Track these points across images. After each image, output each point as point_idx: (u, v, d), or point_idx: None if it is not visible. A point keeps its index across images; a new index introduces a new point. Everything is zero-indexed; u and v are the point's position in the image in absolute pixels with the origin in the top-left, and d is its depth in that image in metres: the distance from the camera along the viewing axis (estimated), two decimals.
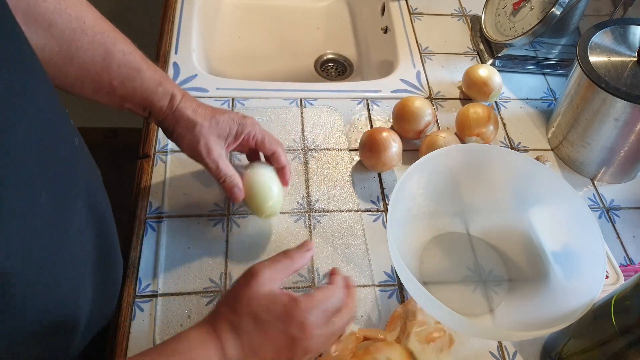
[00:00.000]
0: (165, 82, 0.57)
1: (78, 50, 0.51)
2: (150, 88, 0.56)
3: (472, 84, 0.81)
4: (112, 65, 0.53)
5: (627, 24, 0.74)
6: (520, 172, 0.61)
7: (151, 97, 0.56)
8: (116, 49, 0.53)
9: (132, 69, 0.55)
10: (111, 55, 0.53)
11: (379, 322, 0.59)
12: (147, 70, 0.56)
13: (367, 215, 0.68)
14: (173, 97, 0.57)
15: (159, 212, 0.66)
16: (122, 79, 0.54)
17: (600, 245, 0.53)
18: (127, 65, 0.54)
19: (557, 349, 0.55)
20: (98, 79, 0.54)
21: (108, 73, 0.53)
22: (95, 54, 0.52)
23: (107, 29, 0.53)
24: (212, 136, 0.58)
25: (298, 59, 1.08)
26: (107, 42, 0.53)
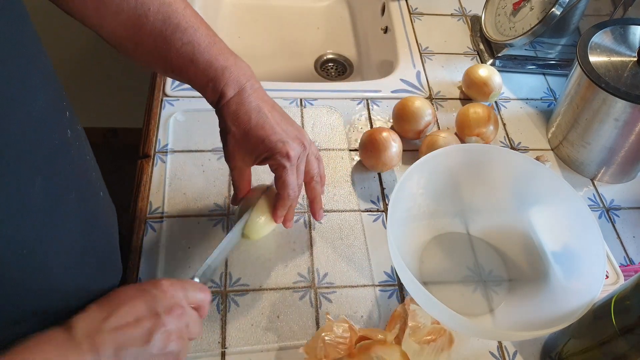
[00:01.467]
0: (219, 77, 0.54)
1: (142, 37, 0.52)
2: (201, 83, 0.55)
3: (472, 84, 0.81)
4: (171, 54, 0.53)
5: (627, 24, 0.74)
6: (520, 172, 0.61)
7: (203, 93, 0.56)
8: (175, 37, 0.52)
9: (187, 61, 0.53)
10: (170, 44, 0.52)
11: (379, 322, 0.59)
12: (202, 62, 0.54)
13: (367, 215, 0.68)
14: (222, 96, 0.55)
15: (159, 212, 0.66)
16: (179, 70, 0.54)
17: (600, 245, 0.53)
18: (184, 55, 0.53)
19: (557, 349, 0.56)
20: (163, 64, 0.54)
21: (169, 61, 0.54)
22: (157, 41, 0.52)
23: (170, 14, 0.52)
24: (239, 149, 0.56)
25: (298, 59, 1.08)
26: (167, 30, 0.52)
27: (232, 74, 0.54)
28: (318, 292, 0.61)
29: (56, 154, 0.41)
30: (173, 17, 0.52)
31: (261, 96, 0.56)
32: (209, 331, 0.57)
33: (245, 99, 0.55)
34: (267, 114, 0.55)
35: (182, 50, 0.53)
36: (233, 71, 0.55)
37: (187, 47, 0.53)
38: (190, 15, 0.53)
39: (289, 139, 0.55)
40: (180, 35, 0.52)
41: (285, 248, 0.64)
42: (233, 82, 0.54)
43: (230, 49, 0.57)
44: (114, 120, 1.69)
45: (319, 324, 0.58)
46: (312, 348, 0.52)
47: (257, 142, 0.54)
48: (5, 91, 0.34)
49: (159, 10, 0.51)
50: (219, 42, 0.55)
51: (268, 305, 0.59)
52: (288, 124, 0.57)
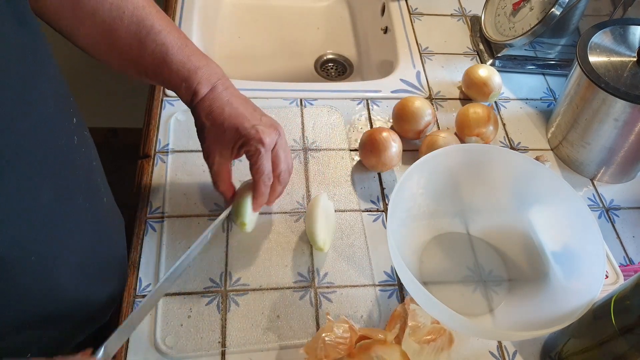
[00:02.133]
0: (192, 76, 0.56)
1: (116, 39, 0.53)
2: (175, 83, 0.57)
3: (472, 84, 0.81)
4: (145, 55, 0.54)
5: (627, 24, 0.74)
6: (520, 172, 0.61)
7: (177, 92, 0.58)
8: (149, 39, 0.54)
9: (161, 62, 0.55)
10: (144, 45, 0.54)
11: (379, 322, 0.59)
12: (175, 63, 0.55)
13: (367, 215, 0.68)
14: (195, 94, 0.57)
15: (160, 212, 0.66)
16: (153, 70, 0.56)
17: (600, 245, 0.53)
18: (157, 56, 0.55)
19: (557, 349, 0.56)
20: (136, 65, 0.55)
21: (143, 62, 0.55)
22: (131, 43, 0.54)
23: (144, 17, 0.54)
24: (216, 143, 0.58)
25: (298, 59, 1.08)
26: (141, 32, 0.54)
27: (205, 74, 0.56)
28: (318, 292, 0.61)
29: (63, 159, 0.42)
30: (147, 19, 0.54)
31: (232, 92, 0.59)
32: (209, 330, 0.57)
33: (218, 94, 0.57)
34: (239, 106, 0.57)
35: (156, 51, 0.54)
36: (205, 71, 0.57)
37: (161, 48, 0.54)
38: (162, 19, 0.55)
39: (262, 125, 0.57)
40: (154, 37, 0.54)
41: (285, 248, 0.64)
42: (205, 80, 0.56)
43: (202, 51, 0.59)
44: (114, 120, 1.69)
45: (319, 323, 0.58)
46: (312, 348, 0.52)
47: (232, 132, 0.56)
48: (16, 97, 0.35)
49: (133, 13, 0.53)
50: (190, 44, 0.57)
51: (268, 305, 0.59)
52: (261, 114, 0.59)
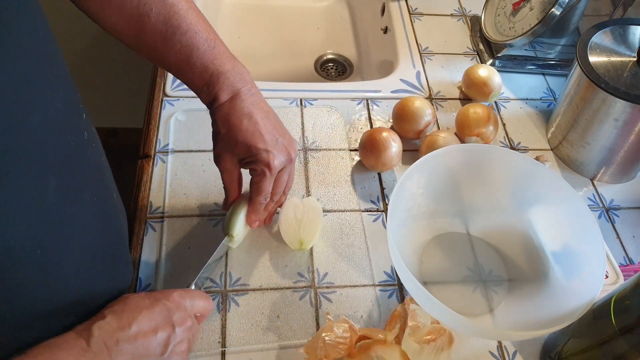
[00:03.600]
0: (214, 82, 0.55)
1: (143, 35, 0.53)
2: (197, 85, 0.56)
3: (472, 84, 0.81)
4: (170, 54, 0.54)
5: (627, 24, 0.74)
6: (520, 172, 0.61)
7: (198, 94, 0.57)
8: (175, 39, 0.53)
9: (184, 63, 0.55)
10: (169, 45, 0.53)
11: (379, 322, 0.59)
12: (198, 66, 0.55)
13: (367, 215, 0.68)
14: (216, 99, 0.56)
15: (160, 212, 0.66)
16: (177, 69, 0.55)
17: (600, 245, 0.53)
18: (181, 58, 0.54)
19: (556, 349, 0.56)
20: (162, 61, 0.55)
21: (167, 61, 0.55)
22: (157, 41, 0.53)
23: (172, 16, 0.53)
24: (227, 151, 0.57)
25: (298, 59, 1.08)
26: (167, 31, 0.53)
27: (228, 79, 0.55)
28: (318, 292, 0.61)
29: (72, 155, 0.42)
30: (174, 18, 0.53)
31: (256, 102, 0.57)
32: (209, 331, 0.57)
33: (239, 104, 0.55)
34: (259, 120, 0.56)
35: (181, 52, 0.54)
36: (229, 76, 0.55)
37: (185, 50, 0.54)
38: (192, 17, 0.54)
39: (275, 149, 0.56)
40: (180, 38, 0.53)
41: (285, 248, 0.64)
42: (228, 87, 0.55)
43: (230, 53, 0.58)
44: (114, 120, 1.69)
45: (319, 323, 0.58)
46: (312, 348, 0.52)
47: (244, 147, 0.55)
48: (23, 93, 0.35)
49: (161, 11, 0.52)
50: (219, 45, 0.56)
51: (268, 305, 0.59)
52: (279, 134, 0.57)
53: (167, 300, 0.47)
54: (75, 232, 0.43)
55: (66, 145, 0.41)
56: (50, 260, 0.40)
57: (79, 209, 0.43)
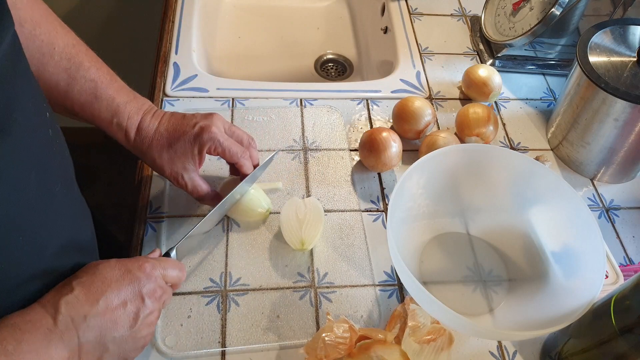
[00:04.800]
0: (122, 110, 0.57)
1: (45, 74, 0.54)
2: (105, 119, 0.58)
3: (471, 84, 0.81)
4: (74, 91, 0.55)
5: (627, 24, 0.74)
6: (520, 172, 0.61)
7: (108, 129, 0.59)
8: (79, 75, 0.55)
9: (91, 96, 0.56)
10: (74, 81, 0.55)
11: (379, 322, 0.59)
12: (104, 98, 0.56)
13: (367, 215, 0.68)
14: (127, 131, 0.58)
15: (160, 212, 0.66)
16: (82, 106, 0.56)
17: (600, 245, 0.53)
18: (87, 91, 0.56)
19: (556, 349, 0.56)
20: (65, 102, 0.56)
21: (71, 98, 0.56)
22: (60, 79, 0.54)
23: (75, 54, 0.55)
24: (176, 164, 0.59)
25: (298, 59, 1.08)
26: (71, 68, 0.54)
27: (133, 107, 0.58)
28: (318, 292, 0.61)
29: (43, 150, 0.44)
30: (77, 57, 0.55)
31: (161, 113, 0.60)
32: (209, 330, 0.57)
33: (149, 122, 0.59)
34: (170, 118, 0.59)
35: (86, 87, 0.56)
36: (134, 105, 0.58)
37: (91, 84, 0.56)
38: (92, 56, 0.57)
39: (201, 120, 0.58)
40: (84, 73, 0.55)
41: (285, 248, 0.64)
42: (135, 113, 0.58)
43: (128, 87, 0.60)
44: None
45: (319, 323, 0.58)
46: (312, 348, 0.52)
47: (181, 142, 0.58)
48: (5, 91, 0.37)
49: (64, 50, 0.54)
50: (118, 80, 0.59)
51: (268, 305, 0.59)
52: (192, 114, 0.60)
53: (138, 271, 0.47)
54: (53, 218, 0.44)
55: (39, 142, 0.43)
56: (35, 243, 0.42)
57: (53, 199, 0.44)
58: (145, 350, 0.55)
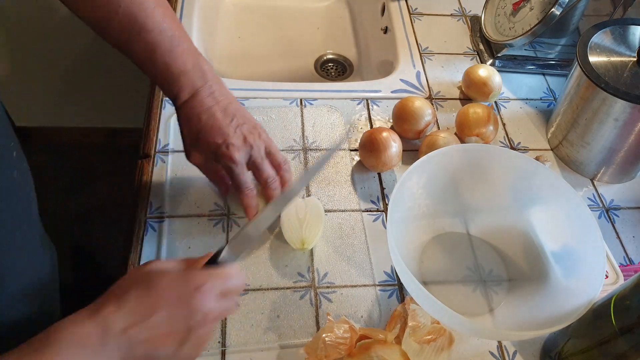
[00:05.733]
0: (174, 81, 0.57)
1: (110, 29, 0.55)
2: (159, 83, 0.58)
3: (471, 84, 0.81)
4: (134, 52, 0.56)
5: (627, 24, 0.74)
6: (520, 172, 0.61)
7: (161, 89, 0.59)
8: (139, 38, 0.55)
9: (147, 61, 0.56)
10: (134, 42, 0.55)
11: (379, 322, 0.59)
12: (160, 64, 0.56)
13: (367, 215, 0.68)
14: (177, 98, 0.58)
15: (160, 212, 0.66)
16: (141, 64, 0.57)
17: (600, 245, 0.53)
18: (144, 56, 0.56)
19: (556, 349, 0.56)
20: (128, 54, 0.57)
21: (132, 56, 0.56)
22: (122, 37, 0.55)
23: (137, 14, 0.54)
24: (193, 148, 0.60)
25: (298, 59, 1.08)
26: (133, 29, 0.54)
27: (189, 79, 0.57)
28: (318, 292, 0.61)
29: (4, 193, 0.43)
30: (141, 16, 0.54)
31: (216, 97, 0.58)
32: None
33: (198, 102, 0.57)
34: (217, 114, 0.57)
35: (144, 50, 0.55)
36: (190, 76, 0.57)
37: (149, 48, 0.55)
38: (159, 15, 0.55)
39: (235, 139, 0.57)
40: (144, 36, 0.55)
41: (285, 248, 0.64)
42: (188, 86, 0.57)
43: (195, 49, 0.59)
44: (114, 120, 1.69)
45: (319, 323, 0.58)
46: (312, 348, 0.52)
47: (205, 144, 0.58)
48: None
49: (129, 8, 0.54)
50: (183, 43, 0.57)
51: (268, 305, 0.59)
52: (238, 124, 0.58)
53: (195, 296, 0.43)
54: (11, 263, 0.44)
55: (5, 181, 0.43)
56: None
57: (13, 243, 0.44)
58: None
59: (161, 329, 0.41)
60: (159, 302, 0.42)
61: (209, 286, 0.44)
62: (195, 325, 0.43)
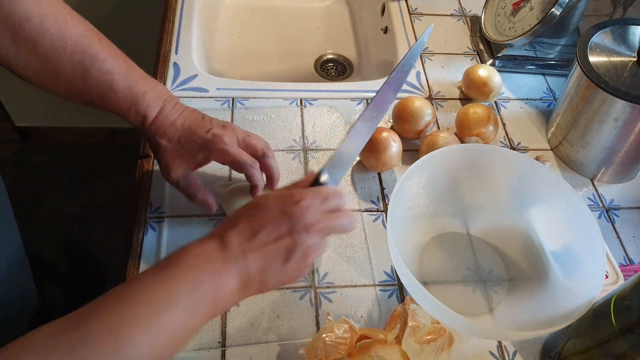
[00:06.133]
0: (140, 100, 0.57)
1: (60, 69, 0.54)
2: (124, 108, 0.58)
3: (471, 84, 0.81)
4: (91, 83, 0.56)
5: (627, 24, 0.74)
6: (520, 172, 0.61)
7: (126, 117, 0.59)
8: (94, 67, 0.55)
9: (108, 88, 0.56)
10: (89, 74, 0.55)
11: (379, 322, 0.59)
12: (122, 89, 0.57)
13: (368, 215, 0.68)
14: (145, 118, 0.58)
15: (160, 212, 0.66)
16: (100, 97, 0.57)
17: (600, 245, 0.53)
18: (104, 84, 0.56)
19: (556, 349, 0.56)
20: (82, 94, 0.57)
21: (88, 91, 0.56)
22: (76, 72, 0.55)
23: (88, 46, 0.55)
24: (175, 159, 0.59)
25: (298, 59, 1.08)
26: (85, 61, 0.55)
27: (152, 96, 0.58)
28: (318, 292, 0.61)
29: None
30: (91, 48, 0.55)
31: (180, 107, 0.60)
32: (210, 330, 0.57)
33: (168, 113, 0.59)
34: (189, 116, 0.59)
35: (102, 79, 0.56)
36: (153, 93, 0.58)
37: (107, 76, 0.56)
38: (106, 46, 0.57)
39: (216, 128, 0.58)
40: (99, 65, 0.55)
41: None
42: (154, 102, 0.58)
43: (146, 74, 0.60)
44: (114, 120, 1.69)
45: (319, 323, 0.58)
46: (312, 348, 0.52)
47: (190, 143, 0.58)
48: None
49: (77, 42, 0.54)
50: (136, 69, 0.59)
51: (268, 305, 0.59)
52: (210, 118, 0.60)
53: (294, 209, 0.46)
54: None
55: None
56: None
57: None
58: None
59: (269, 242, 0.45)
60: (264, 219, 0.46)
61: (309, 199, 0.47)
62: (298, 237, 0.46)
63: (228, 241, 0.44)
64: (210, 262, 0.43)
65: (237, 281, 0.43)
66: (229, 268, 0.43)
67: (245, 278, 0.44)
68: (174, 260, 0.43)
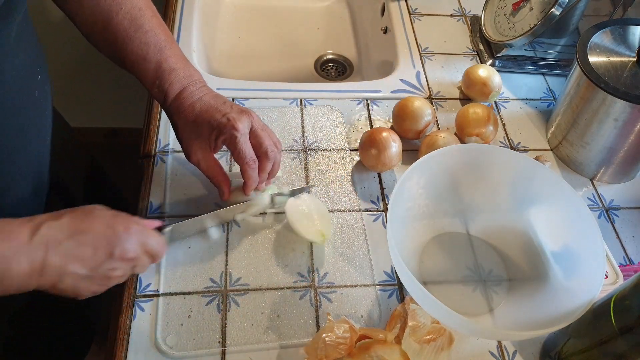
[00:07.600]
0: (165, 77, 0.60)
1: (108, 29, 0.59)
2: (149, 81, 0.61)
3: (471, 84, 0.82)
4: (129, 50, 0.59)
5: (627, 24, 0.74)
6: (520, 172, 0.61)
7: (151, 91, 0.61)
8: (136, 36, 0.59)
9: (142, 58, 0.60)
10: (130, 41, 0.59)
11: (379, 322, 0.59)
12: (153, 62, 0.60)
13: (368, 215, 0.68)
14: (166, 95, 0.60)
15: (160, 212, 0.66)
16: (133, 65, 0.60)
17: (600, 245, 0.53)
18: (139, 54, 0.59)
19: (556, 349, 0.56)
20: (120, 55, 0.60)
21: (126, 56, 0.60)
22: (118, 36, 0.59)
23: (138, 17, 0.59)
24: (193, 140, 0.60)
25: (298, 59, 1.08)
26: (130, 28, 0.59)
27: (178, 76, 0.60)
28: (318, 292, 0.61)
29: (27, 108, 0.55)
30: (139, 19, 0.60)
31: (204, 90, 0.62)
32: (210, 330, 0.57)
33: (189, 93, 0.60)
34: (209, 100, 0.60)
35: (139, 47, 0.59)
36: (180, 73, 0.60)
37: (144, 46, 0.59)
38: (155, 22, 0.61)
39: (233, 113, 0.59)
40: (141, 35, 0.59)
41: (285, 248, 0.64)
42: (177, 82, 0.60)
43: (185, 57, 0.63)
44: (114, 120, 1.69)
45: (319, 323, 0.58)
46: (312, 348, 0.52)
47: (205, 125, 0.59)
48: None
49: (130, 11, 0.59)
50: (174, 47, 0.62)
51: (268, 305, 0.59)
52: (231, 104, 0.61)
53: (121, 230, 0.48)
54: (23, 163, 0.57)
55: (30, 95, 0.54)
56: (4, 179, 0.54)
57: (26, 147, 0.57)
58: (146, 349, 0.55)
59: (81, 249, 0.46)
60: (89, 226, 0.47)
61: (135, 231, 0.50)
62: (111, 257, 0.47)
63: (42, 228, 0.45)
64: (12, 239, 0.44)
65: (27, 265, 0.44)
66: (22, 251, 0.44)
67: (37, 267, 0.44)
68: None
